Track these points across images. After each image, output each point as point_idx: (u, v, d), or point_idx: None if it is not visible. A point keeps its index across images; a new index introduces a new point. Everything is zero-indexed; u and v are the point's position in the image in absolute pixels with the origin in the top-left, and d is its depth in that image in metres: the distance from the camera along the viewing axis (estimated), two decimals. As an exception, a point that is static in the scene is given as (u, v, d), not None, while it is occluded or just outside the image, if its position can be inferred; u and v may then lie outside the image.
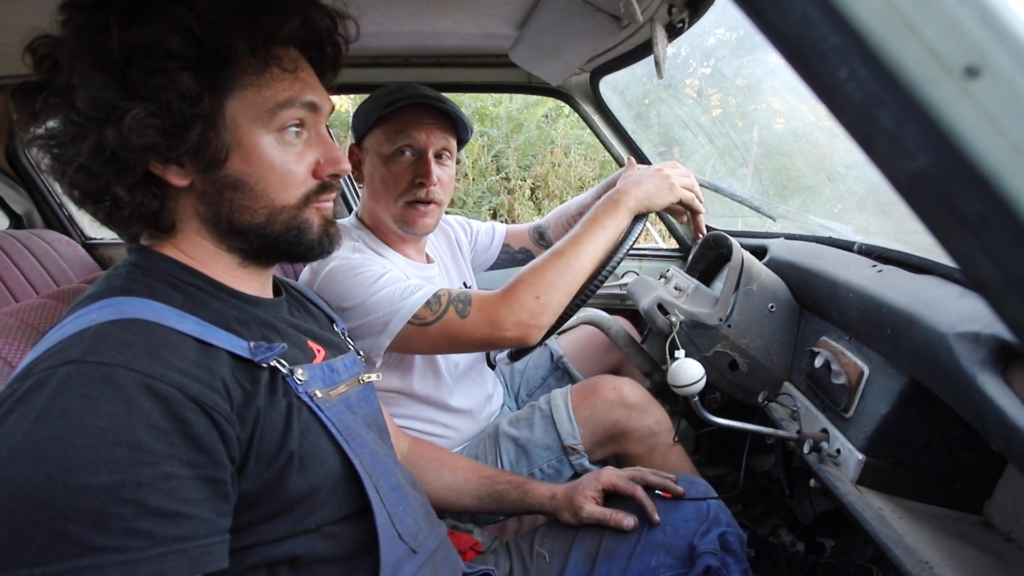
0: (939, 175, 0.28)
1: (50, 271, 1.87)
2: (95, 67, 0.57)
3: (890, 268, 0.96)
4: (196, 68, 0.59)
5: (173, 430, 0.51)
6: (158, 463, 0.49)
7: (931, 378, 0.75)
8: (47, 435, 0.47)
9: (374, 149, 1.18)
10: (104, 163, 0.60)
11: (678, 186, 1.10)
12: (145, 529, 0.48)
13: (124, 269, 0.64)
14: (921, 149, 0.28)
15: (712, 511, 0.90)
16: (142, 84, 0.57)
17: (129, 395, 0.50)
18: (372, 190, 1.20)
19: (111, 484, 0.47)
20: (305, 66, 0.68)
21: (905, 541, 0.75)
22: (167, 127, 0.58)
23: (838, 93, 0.30)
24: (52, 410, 0.48)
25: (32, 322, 0.71)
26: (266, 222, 0.66)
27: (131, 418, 0.49)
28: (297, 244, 0.69)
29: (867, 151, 0.31)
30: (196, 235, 0.67)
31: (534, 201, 5.03)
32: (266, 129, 0.64)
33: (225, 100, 0.62)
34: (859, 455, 0.87)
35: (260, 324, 0.69)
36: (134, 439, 0.49)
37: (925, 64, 0.27)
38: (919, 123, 0.28)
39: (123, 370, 0.51)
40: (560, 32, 1.21)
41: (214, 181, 0.64)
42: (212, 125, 0.61)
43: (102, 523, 0.46)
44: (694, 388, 0.96)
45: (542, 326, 1.03)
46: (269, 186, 0.65)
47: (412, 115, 1.14)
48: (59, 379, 0.50)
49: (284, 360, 0.65)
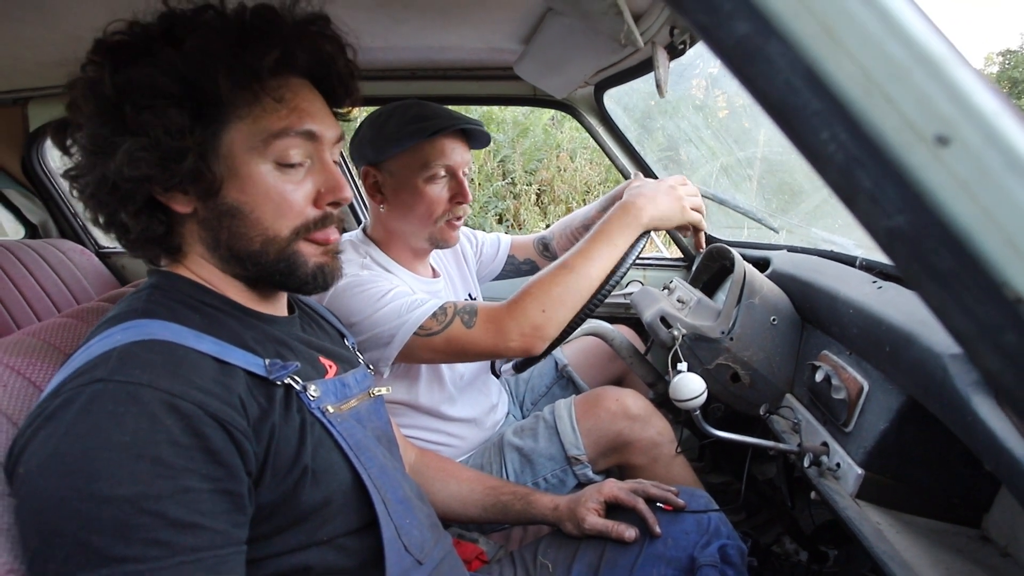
0: (914, 233, 0.30)
1: (65, 280, 1.91)
2: (95, 105, 0.62)
3: (890, 285, 0.98)
4: (186, 104, 0.62)
5: (193, 445, 0.54)
6: (178, 476, 0.52)
7: (927, 397, 0.77)
8: (75, 449, 0.50)
9: (404, 172, 1.17)
10: (108, 193, 0.64)
11: (688, 208, 1.12)
12: (165, 540, 0.50)
13: (145, 292, 0.67)
14: (897, 209, 0.30)
15: (713, 523, 0.92)
16: (133, 120, 0.60)
17: (152, 412, 0.53)
18: (403, 212, 1.19)
19: (133, 496, 0.50)
20: (307, 94, 0.69)
21: (902, 556, 0.76)
22: (159, 159, 0.61)
23: (821, 154, 0.32)
24: (80, 426, 0.51)
25: (54, 342, 0.74)
26: (260, 250, 0.68)
27: (154, 434, 0.52)
28: (290, 276, 0.70)
29: (849, 207, 0.33)
30: (202, 259, 0.70)
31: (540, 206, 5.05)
32: (262, 159, 0.66)
33: (220, 132, 0.64)
34: (858, 470, 0.89)
35: (274, 342, 0.71)
36: (156, 454, 0.52)
37: (900, 131, 0.29)
38: (895, 184, 0.30)
39: (147, 389, 0.54)
40: (564, 48, 1.23)
41: (213, 208, 0.66)
42: (204, 156, 0.63)
43: (124, 533, 0.49)
44: (695, 403, 0.97)
45: (546, 338, 1.05)
46: (264, 214, 0.67)
47: (446, 137, 1.16)
48: (87, 397, 0.53)
49: (298, 377, 0.68)
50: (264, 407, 0.63)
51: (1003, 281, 0.29)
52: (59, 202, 2.06)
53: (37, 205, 2.06)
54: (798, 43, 0.30)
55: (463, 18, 1.24)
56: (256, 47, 0.63)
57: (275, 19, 0.65)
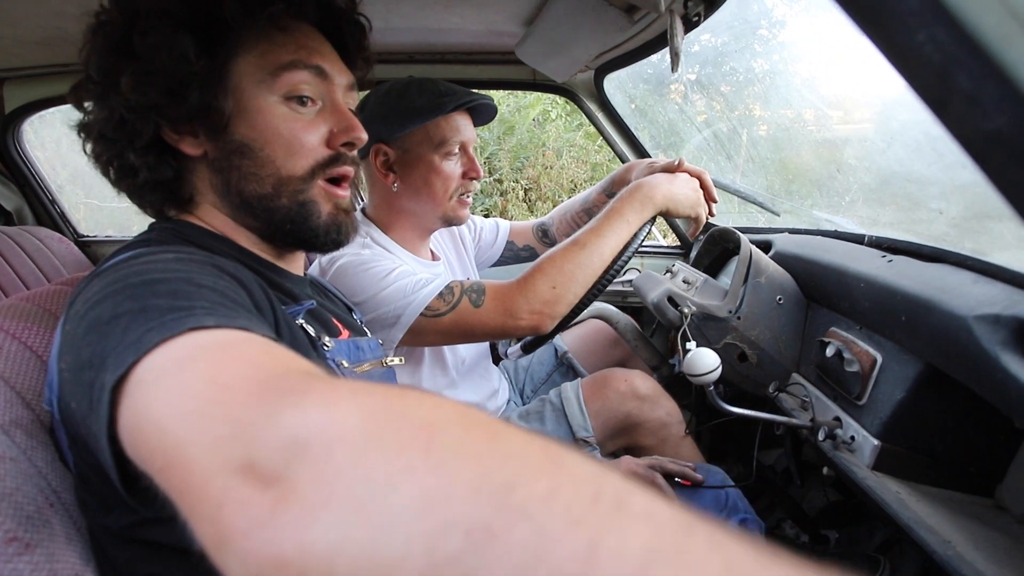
0: (1016, 133, 0.29)
1: (43, 268, 1.83)
2: (103, 37, 0.60)
3: (900, 258, 0.98)
4: (194, 30, 0.60)
5: (235, 280, 0.54)
6: (222, 281, 0.52)
7: (949, 362, 0.77)
8: (125, 271, 0.49)
9: (419, 148, 1.15)
10: (115, 128, 0.62)
11: (702, 199, 1.13)
12: (219, 300, 0.47)
13: (153, 233, 0.65)
14: (998, 108, 0.29)
15: (731, 499, 0.91)
16: (140, 45, 0.59)
17: (195, 259, 0.54)
18: (415, 189, 1.17)
19: (184, 277, 0.48)
20: (316, 36, 0.68)
21: (927, 522, 0.76)
22: (165, 87, 0.59)
23: (914, 56, 0.30)
24: (124, 267, 0.50)
25: (49, 307, 0.70)
26: (272, 193, 0.66)
27: (194, 262, 0.53)
28: (303, 225, 0.68)
29: (939, 113, 0.31)
30: (214, 208, 0.68)
31: (527, 203, 5.04)
32: (271, 93, 0.64)
33: (228, 63, 0.63)
34: (874, 441, 0.89)
35: (287, 294, 0.69)
36: (201, 270, 0.51)
37: (1003, 24, 0.28)
38: (997, 83, 0.29)
39: (186, 251, 0.56)
40: (570, 28, 1.22)
41: (222, 147, 0.64)
42: (212, 87, 0.62)
43: (181, 294, 0.46)
44: (710, 377, 0.96)
45: (556, 315, 1.03)
46: (275, 152, 0.65)
47: (460, 113, 1.16)
48: (131, 255, 0.54)
49: (311, 327, 0.66)
50: None
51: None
52: (36, 188, 1.98)
53: (12, 191, 1.97)
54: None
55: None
56: None
57: None
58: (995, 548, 0.73)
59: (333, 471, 0.27)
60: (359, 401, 0.30)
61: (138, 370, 0.38)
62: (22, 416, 0.57)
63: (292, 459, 0.29)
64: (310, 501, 0.27)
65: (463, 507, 0.24)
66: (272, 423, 0.31)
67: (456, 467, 0.26)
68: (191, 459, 0.32)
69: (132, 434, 0.38)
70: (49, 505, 0.54)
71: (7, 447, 0.52)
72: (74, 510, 0.57)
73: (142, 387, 0.38)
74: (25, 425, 0.57)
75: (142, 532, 0.53)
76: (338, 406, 0.30)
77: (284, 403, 0.32)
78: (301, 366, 0.37)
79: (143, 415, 0.37)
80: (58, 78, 1.69)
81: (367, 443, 0.28)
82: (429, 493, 0.25)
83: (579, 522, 0.23)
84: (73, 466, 0.56)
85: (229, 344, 0.40)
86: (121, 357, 0.39)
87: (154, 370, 0.38)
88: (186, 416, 0.34)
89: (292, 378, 0.34)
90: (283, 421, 0.31)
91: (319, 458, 0.28)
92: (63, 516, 0.56)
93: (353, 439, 0.28)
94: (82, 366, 0.43)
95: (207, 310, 0.43)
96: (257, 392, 0.33)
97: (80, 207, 3.47)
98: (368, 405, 0.30)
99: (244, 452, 0.30)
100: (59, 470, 0.58)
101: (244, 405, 0.33)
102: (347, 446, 0.28)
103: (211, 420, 0.33)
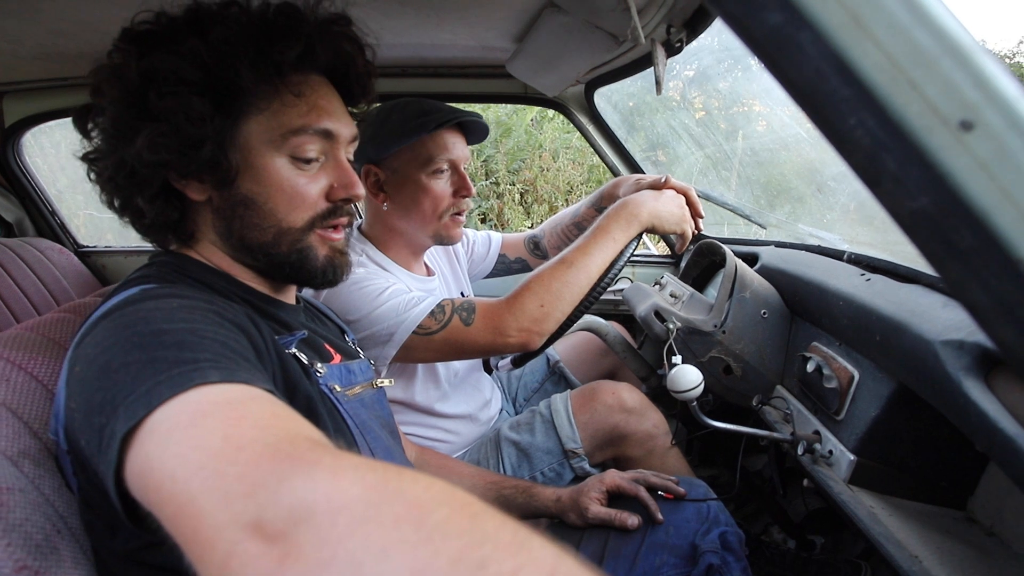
0: (936, 213, 0.32)
1: (43, 280, 1.86)
2: (119, 90, 0.62)
3: (878, 277, 1.01)
4: (208, 93, 0.63)
5: (232, 326, 0.57)
6: (223, 328, 0.54)
7: (918, 383, 0.80)
8: (130, 317, 0.53)
9: (407, 168, 1.17)
10: (126, 177, 0.65)
11: (688, 216, 1.15)
12: (220, 352, 0.50)
13: (154, 268, 0.67)
14: (921, 190, 0.32)
15: (712, 511, 0.94)
16: (156, 106, 0.61)
17: (194, 304, 0.56)
18: (405, 209, 1.19)
19: (188, 328, 0.51)
20: (327, 92, 0.71)
21: (896, 537, 0.79)
22: (178, 145, 0.62)
23: (848, 138, 0.33)
24: (129, 313, 0.54)
25: (54, 336, 0.73)
26: (272, 241, 0.69)
27: (196, 310, 0.55)
28: (300, 269, 0.72)
29: (873, 190, 0.34)
30: (214, 245, 0.71)
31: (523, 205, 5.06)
32: (278, 152, 0.67)
33: (240, 122, 0.66)
34: (851, 456, 0.92)
35: (282, 324, 0.72)
36: (202, 316, 0.55)
37: (925, 116, 0.31)
38: (920, 167, 0.32)
39: (185, 296, 0.59)
40: (558, 47, 1.24)
41: (228, 197, 0.67)
42: (222, 145, 0.65)
43: (186, 345, 0.49)
44: (693, 393, 0.99)
45: (544, 333, 1.06)
46: (277, 206, 0.68)
47: (447, 131, 1.17)
48: (126, 299, 0.56)
49: (304, 355, 0.69)
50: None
51: (1020, 258, 0.31)
52: (36, 200, 2.00)
53: (13, 203, 1.99)
54: (827, 32, 0.32)
55: (458, 16, 1.24)
56: (279, 42, 0.64)
57: (298, 16, 0.66)
58: (961, 561, 0.76)
59: (336, 536, 0.31)
60: (361, 475, 0.34)
61: (149, 422, 0.42)
62: (30, 446, 0.60)
63: (299, 521, 0.32)
64: (313, 560, 0.30)
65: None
66: (283, 487, 0.34)
67: (441, 543, 0.30)
68: (203, 511, 0.35)
69: (141, 479, 0.41)
70: (56, 532, 0.57)
71: (16, 479, 0.54)
72: (80, 534, 0.60)
73: (153, 438, 0.41)
74: (32, 455, 0.59)
75: (147, 555, 0.56)
76: (344, 478, 0.34)
77: (295, 470, 0.35)
78: (308, 432, 0.41)
79: (154, 465, 0.40)
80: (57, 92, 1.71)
81: (367, 514, 0.32)
82: (418, 563, 0.29)
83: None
84: (78, 491, 0.59)
85: (236, 402, 0.43)
86: (132, 408, 0.43)
87: (165, 423, 0.41)
88: (199, 470, 0.37)
89: (302, 445, 0.38)
90: (293, 486, 0.34)
91: (324, 523, 0.32)
92: (70, 541, 0.59)
93: (354, 509, 0.32)
94: (92, 410, 0.46)
95: (212, 363, 0.47)
96: (269, 455, 0.37)
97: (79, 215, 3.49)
98: (369, 479, 0.34)
99: (255, 510, 0.34)
100: (65, 496, 0.61)
101: (256, 467, 0.36)
102: (349, 515, 0.32)
103: (224, 478, 0.36)
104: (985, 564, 0.77)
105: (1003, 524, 0.84)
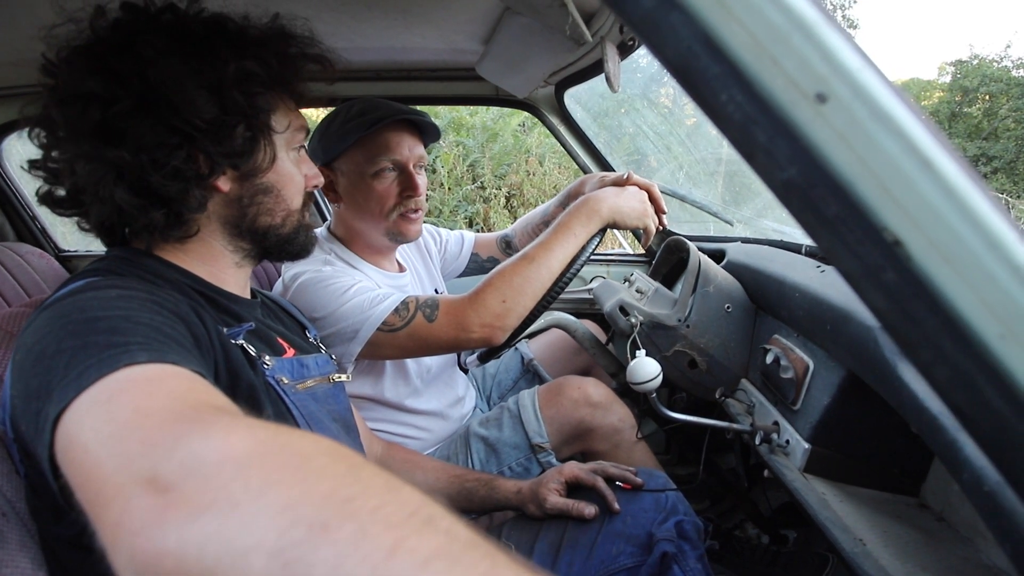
0: (805, 183, 0.33)
1: (23, 284, 1.86)
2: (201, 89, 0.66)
3: (832, 269, 1.03)
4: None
5: (174, 315, 0.59)
6: (162, 317, 0.56)
7: (863, 369, 0.81)
8: (68, 307, 0.54)
9: (352, 169, 1.18)
10: (165, 176, 0.66)
11: (650, 212, 1.16)
12: (155, 336, 0.52)
13: (105, 262, 0.69)
14: (789, 161, 0.33)
15: (670, 501, 0.95)
16: (242, 103, 0.67)
17: (134, 295, 0.58)
18: (356, 209, 1.21)
19: (124, 315, 0.53)
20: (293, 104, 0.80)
21: (844, 522, 0.81)
22: (250, 137, 0.70)
23: (721, 113, 0.35)
24: (68, 302, 0.55)
25: (11, 329, 0.74)
26: (280, 223, 0.77)
27: (134, 300, 0.57)
28: (291, 243, 0.80)
29: (749, 162, 0.36)
30: (207, 236, 0.74)
31: (509, 209, 5.09)
32: (288, 146, 0.77)
33: (269, 121, 0.73)
34: (805, 444, 0.93)
35: (233, 316, 0.73)
36: (140, 305, 0.56)
37: (787, 90, 0.32)
38: (787, 139, 0.33)
39: (130, 285, 0.60)
40: (522, 48, 1.26)
41: (251, 187, 0.74)
42: (270, 139, 0.73)
43: (119, 330, 0.50)
44: (650, 385, 1.01)
45: (507, 328, 1.07)
46: (287, 192, 0.77)
47: (389, 131, 1.17)
48: (71, 291, 0.58)
49: (252, 347, 0.70)
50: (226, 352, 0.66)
51: (883, 225, 0.33)
52: (16, 204, 2.00)
53: (-8, 209, 2.00)
54: (696, 12, 0.33)
55: (424, 18, 1.26)
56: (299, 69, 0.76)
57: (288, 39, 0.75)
58: (906, 544, 0.78)
59: (219, 483, 0.33)
60: (253, 432, 0.36)
61: (76, 403, 0.44)
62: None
63: (188, 473, 0.34)
64: (195, 504, 0.32)
65: (311, 509, 0.30)
66: (179, 444, 0.36)
67: (315, 483, 0.32)
68: (105, 474, 0.37)
69: (63, 456, 0.43)
70: (3, 516, 0.58)
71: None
72: (28, 519, 0.61)
73: (74, 417, 0.43)
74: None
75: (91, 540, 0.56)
76: (235, 434, 0.36)
77: (192, 430, 0.37)
78: (217, 401, 0.43)
79: (73, 439, 0.42)
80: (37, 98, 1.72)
81: (250, 462, 0.34)
82: (290, 499, 0.31)
83: (392, 527, 0.29)
84: (25, 477, 0.61)
85: (156, 378, 0.45)
86: (64, 391, 0.45)
87: (88, 402, 0.43)
88: (108, 439, 0.39)
89: (205, 411, 0.40)
90: (188, 443, 0.36)
91: (210, 472, 0.34)
92: (16, 524, 0.60)
93: (240, 459, 0.34)
94: (30, 396, 0.49)
95: (141, 346, 0.49)
96: (171, 420, 0.39)
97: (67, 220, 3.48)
98: (260, 435, 0.36)
99: (149, 467, 0.35)
100: (14, 481, 0.62)
101: (159, 429, 0.38)
102: (234, 464, 0.34)
103: (127, 441, 0.38)
104: (931, 547, 0.78)
105: (951, 509, 0.85)
